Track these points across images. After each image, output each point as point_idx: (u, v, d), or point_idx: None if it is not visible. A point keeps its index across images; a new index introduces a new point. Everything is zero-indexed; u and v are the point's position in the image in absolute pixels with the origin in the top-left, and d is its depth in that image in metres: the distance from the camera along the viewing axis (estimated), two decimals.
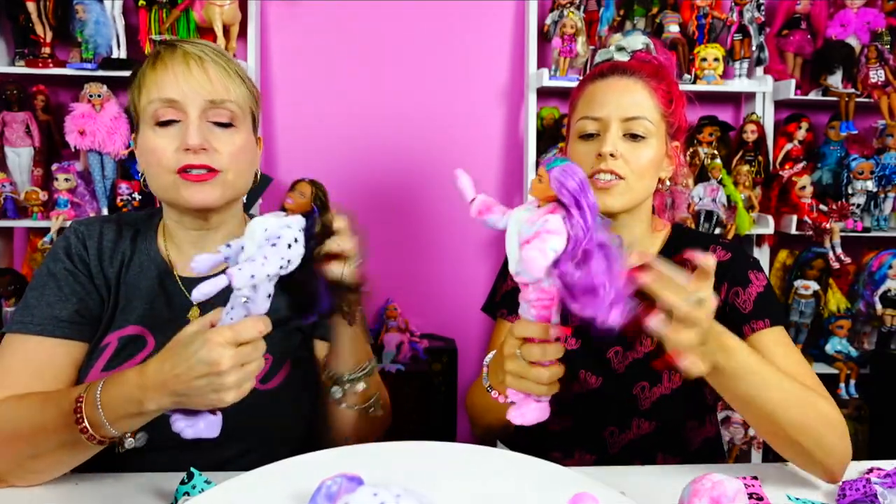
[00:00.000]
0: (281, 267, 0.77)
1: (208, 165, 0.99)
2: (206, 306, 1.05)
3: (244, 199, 1.12)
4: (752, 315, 1.11)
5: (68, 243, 1.06)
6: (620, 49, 1.20)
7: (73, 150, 2.15)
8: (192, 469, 0.85)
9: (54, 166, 2.15)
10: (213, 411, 0.84)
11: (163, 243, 1.10)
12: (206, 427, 0.83)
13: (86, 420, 0.84)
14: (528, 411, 0.84)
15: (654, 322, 0.78)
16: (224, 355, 0.77)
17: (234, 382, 0.79)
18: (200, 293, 0.73)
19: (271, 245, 0.77)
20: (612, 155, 1.09)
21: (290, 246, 0.77)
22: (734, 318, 1.11)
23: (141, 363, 0.84)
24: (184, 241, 1.08)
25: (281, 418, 1.06)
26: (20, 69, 2.13)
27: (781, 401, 0.91)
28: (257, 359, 0.81)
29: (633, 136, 1.12)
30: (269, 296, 0.79)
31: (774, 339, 1.10)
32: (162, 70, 0.99)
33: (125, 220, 1.13)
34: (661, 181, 1.18)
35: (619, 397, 1.17)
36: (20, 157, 2.18)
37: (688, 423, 1.18)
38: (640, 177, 1.12)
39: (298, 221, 0.80)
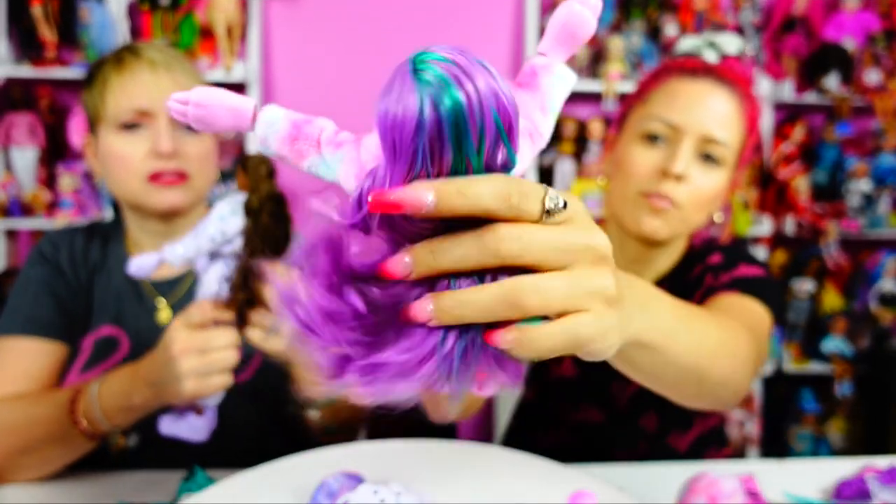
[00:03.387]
0: (213, 239, 0.78)
1: (179, 170, 1.01)
2: (177, 306, 1.07)
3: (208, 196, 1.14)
4: (723, 286, 0.97)
5: (41, 249, 1.08)
6: (711, 45, 1.02)
7: (77, 150, 2.17)
8: (194, 466, 0.85)
9: (59, 167, 2.17)
10: (197, 412, 0.85)
11: (129, 247, 1.12)
12: (188, 429, 0.85)
13: (81, 412, 0.86)
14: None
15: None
16: (175, 339, 0.79)
17: (190, 370, 0.79)
18: (134, 266, 0.80)
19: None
20: (678, 177, 0.93)
21: (222, 219, 0.78)
22: (706, 294, 0.98)
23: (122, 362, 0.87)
24: (147, 244, 1.09)
25: (256, 411, 1.07)
26: (25, 71, 2.14)
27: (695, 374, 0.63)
28: (220, 348, 0.80)
29: (707, 158, 0.95)
30: (223, 277, 0.80)
31: (737, 301, 0.93)
32: (129, 77, 1.00)
33: (96, 228, 1.15)
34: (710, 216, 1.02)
35: (624, 429, 1.08)
36: (25, 158, 2.19)
37: (673, 432, 1.10)
38: (699, 209, 0.97)
39: (235, 199, 0.79)
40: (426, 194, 0.32)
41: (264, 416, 1.07)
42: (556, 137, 2.34)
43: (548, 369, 1.15)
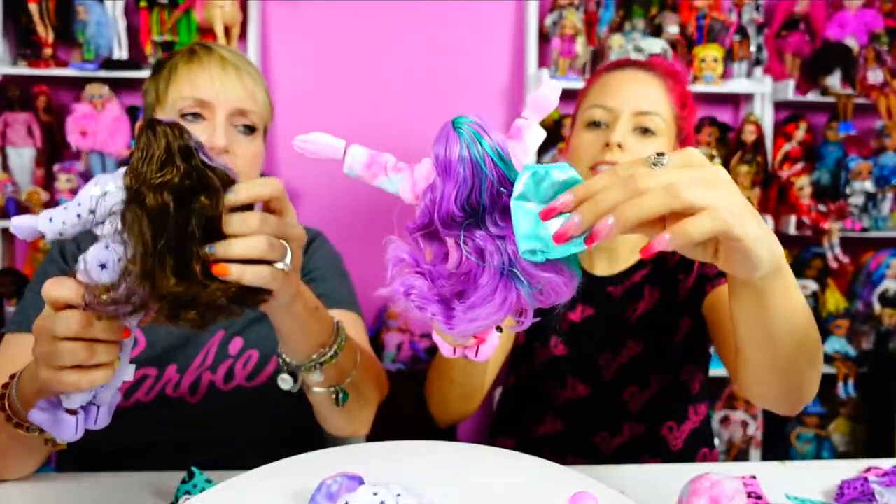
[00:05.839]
0: (78, 215, 0.62)
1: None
2: None
3: None
4: (717, 275, 1.09)
5: (62, 245, 1.08)
6: (638, 50, 1.18)
7: (74, 150, 2.16)
8: (192, 468, 0.85)
9: (56, 166, 2.16)
10: (68, 411, 0.69)
11: None
12: (54, 425, 0.69)
13: (6, 400, 0.79)
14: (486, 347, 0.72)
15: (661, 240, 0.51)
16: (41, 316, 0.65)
17: (39, 354, 0.65)
18: (13, 226, 0.62)
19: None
20: (619, 146, 1.05)
21: (97, 197, 0.62)
22: (700, 283, 1.10)
23: None
24: None
25: (272, 415, 1.06)
26: (22, 70, 2.14)
27: (804, 330, 0.71)
28: (65, 339, 0.63)
29: (644, 131, 1.08)
30: (99, 263, 0.63)
31: None
32: (198, 68, 1.02)
33: None
34: None
35: (609, 404, 1.16)
36: (22, 158, 2.18)
37: (667, 424, 1.17)
38: None
39: (116, 175, 0.63)
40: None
41: (277, 421, 1.06)
42: (557, 137, 2.34)
43: (534, 352, 1.21)
